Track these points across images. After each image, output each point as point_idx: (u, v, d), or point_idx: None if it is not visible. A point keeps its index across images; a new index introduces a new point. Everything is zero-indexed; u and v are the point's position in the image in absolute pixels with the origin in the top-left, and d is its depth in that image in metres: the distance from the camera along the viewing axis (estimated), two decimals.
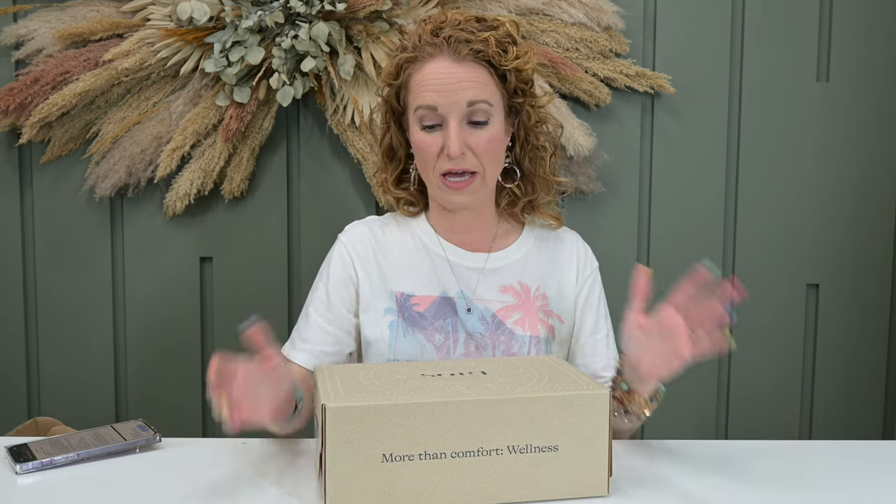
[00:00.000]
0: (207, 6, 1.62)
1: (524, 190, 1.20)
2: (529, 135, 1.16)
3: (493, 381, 0.91)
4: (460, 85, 1.07)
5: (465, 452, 0.85)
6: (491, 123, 1.10)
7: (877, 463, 1.01)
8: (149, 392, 1.84)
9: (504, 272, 1.19)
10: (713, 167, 1.79)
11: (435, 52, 1.09)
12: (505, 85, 1.11)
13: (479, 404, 0.85)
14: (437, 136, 1.10)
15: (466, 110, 1.08)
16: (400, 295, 1.16)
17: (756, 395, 1.83)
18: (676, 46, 1.76)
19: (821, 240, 1.80)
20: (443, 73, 1.08)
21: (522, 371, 0.95)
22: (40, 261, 1.81)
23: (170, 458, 1.01)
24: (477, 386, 0.89)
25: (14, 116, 1.71)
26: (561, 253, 1.23)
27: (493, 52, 1.07)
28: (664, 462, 1.00)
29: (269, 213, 1.80)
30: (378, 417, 0.83)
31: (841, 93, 1.77)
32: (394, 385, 0.89)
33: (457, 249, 1.19)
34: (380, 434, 0.83)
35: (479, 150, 1.09)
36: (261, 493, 0.90)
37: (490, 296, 1.17)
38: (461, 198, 1.13)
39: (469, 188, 1.12)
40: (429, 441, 0.84)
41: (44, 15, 1.71)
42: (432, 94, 1.08)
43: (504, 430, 0.85)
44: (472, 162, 1.10)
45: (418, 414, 0.84)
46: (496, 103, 1.10)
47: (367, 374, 0.95)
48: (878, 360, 1.82)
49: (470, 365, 0.99)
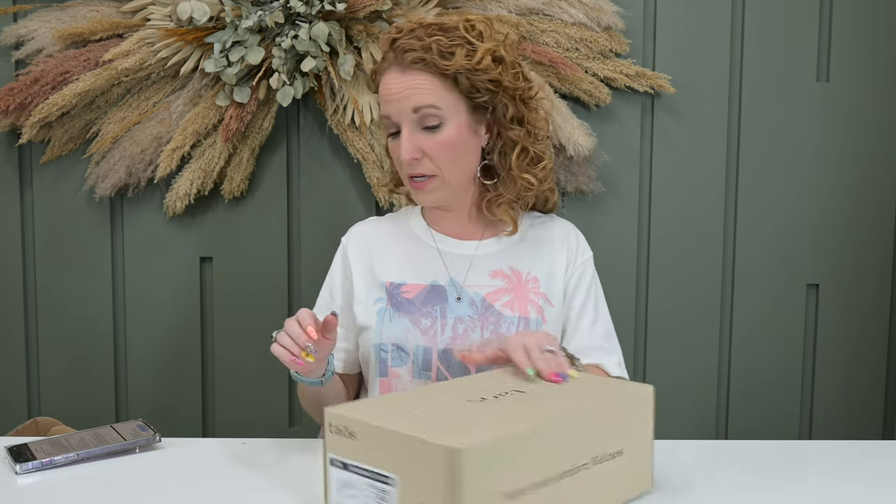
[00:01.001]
0: (207, 6, 1.62)
1: (506, 187, 1.18)
2: (502, 130, 1.16)
3: (544, 397, 0.87)
4: (404, 93, 1.11)
5: (569, 471, 0.80)
6: (444, 127, 1.12)
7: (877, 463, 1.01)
8: (149, 392, 1.84)
9: (495, 258, 1.21)
10: (713, 167, 1.79)
11: (389, 63, 1.14)
12: (459, 87, 1.12)
13: (570, 421, 0.81)
14: (398, 142, 1.15)
15: (414, 116, 1.12)
16: (390, 284, 1.19)
17: (756, 395, 1.83)
18: (676, 46, 1.76)
19: (821, 240, 1.80)
20: (391, 82, 1.13)
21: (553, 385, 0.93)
22: (40, 261, 1.81)
23: (170, 458, 1.01)
24: (541, 404, 0.85)
25: (14, 116, 1.71)
26: (553, 240, 1.24)
27: (432, 58, 1.09)
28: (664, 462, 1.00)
29: (269, 213, 1.80)
30: (506, 450, 0.74)
31: (841, 93, 1.77)
32: (463, 414, 0.82)
33: (448, 239, 1.23)
34: (502, 469, 0.74)
35: (432, 154, 1.13)
36: (261, 493, 0.90)
37: (480, 281, 1.19)
38: (424, 196, 1.17)
39: (428, 188, 1.15)
40: (541, 468, 0.77)
41: (44, 15, 1.71)
42: (386, 105, 1.14)
43: (589, 440, 0.83)
44: (428, 166, 1.13)
45: (534, 440, 0.77)
46: (447, 106, 1.11)
47: (411, 404, 0.85)
48: (878, 360, 1.82)
49: (497, 386, 0.93)
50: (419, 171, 1.13)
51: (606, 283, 1.30)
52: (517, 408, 0.84)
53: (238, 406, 1.83)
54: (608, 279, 1.29)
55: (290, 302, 1.81)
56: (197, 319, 1.82)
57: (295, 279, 1.81)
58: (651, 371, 1.83)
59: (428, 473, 0.72)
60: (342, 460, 0.80)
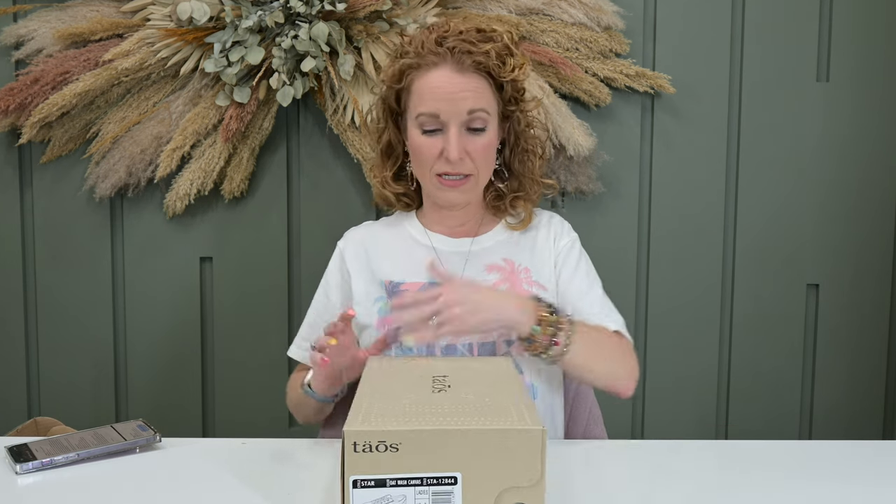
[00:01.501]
0: (207, 6, 1.62)
1: (511, 187, 1.25)
2: (520, 138, 1.23)
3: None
4: (462, 94, 1.13)
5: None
6: (487, 130, 1.16)
7: (877, 463, 1.01)
8: (149, 392, 1.84)
9: (489, 252, 1.23)
10: (713, 167, 1.79)
11: (438, 61, 1.14)
12: (501, 94, 1.17)
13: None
14: (436, 139, 1.15)
15: (466, 118, 1.14)
16: (389, 283, 1.20)
17: (756, 395, 1.83)
18: (676, 46, 1.76)
19: (821, 240, 1.80)
20: (446, 82, 1.13)
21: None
22: (40, 261, 1.81)
23: (170, 458, 1.01)
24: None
25: (14, 116, 1.71)
26: (539, 231, 1.27)
27: (493, 64, 1.14)
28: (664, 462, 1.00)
29: (269, 213, 1.80)
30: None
31: (841, 93, 1.77)
32: (470, 402, 0.85)
33: (443, 238, 1.24)
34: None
35: (475, 155, 1.15)
36: (260, 493, 0.90)
37: (476, 276, 1.21)
38: (455, 195, 1.18)
39: (463, 187, 1.18)
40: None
41: (44, 15, 1.71)
42: (436, 102, 1.13)
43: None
44: (469, 166, 1.16)
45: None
46: (492, 111, 1.17)
47: (416, 402, 0.87)
48: (878, 360, 1.82)
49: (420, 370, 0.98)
50: (460, 170, 1.15)
51: (607, 283, 1.29)
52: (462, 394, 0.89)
53: (238, 406, 1.83)
54: (608, 279, 1.29)
55: (290, 302, 1.81)
56: (197, 319, 1.82)
57: (295, 279, 1.81)
58: (651, 371, 1.83)
59: (504, 461, 0.77)
60: (374, 478, 0.79)
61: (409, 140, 1.19)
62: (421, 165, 1.18)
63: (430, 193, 1.23)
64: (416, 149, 1.17)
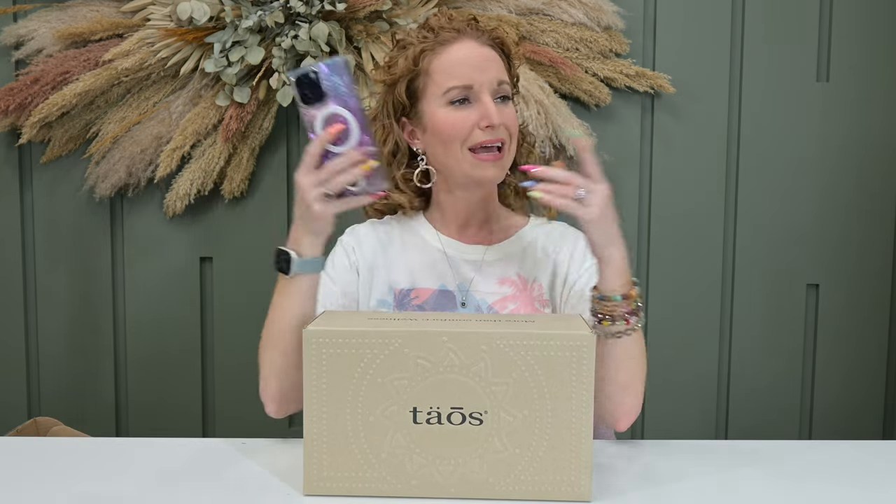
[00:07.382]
0: (207, 6, 1.62)
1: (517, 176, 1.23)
2: (520, 132, 1.21)
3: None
4: (489, 64, 1.13)
5: None
6: (511, 103, 1.17)
7: (877, 463, 1.01)
8: (149, 392, 1.84)
9: (503, 264, 1.20)
10: (713, 167, 1.79)
11: (458, 36, 1.14)
12: (510, 72, 1.18)
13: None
14: (468, 112, 1.12)
15: (496, 87, 1.13)
16: (399, 291, 1.18)
17: (756, 394, 1.83)
18: (676, 46, 1.76)
19: (821, 240, 1.80)
20: (472, 52, 1.13)
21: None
22: (40, 261, 1.81)
23: (169, 458, 1.01)
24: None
25: (14, 116, 1.71)
26: (559, 248, 1.21)
27: (508, 41, 1.16)
28: (664, 462, 1.00)
29: (269, 213, 1.80)
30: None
31: (841, 93, 1.77)
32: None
33: (455, 243, 1.21)
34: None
35: (508, 123, 1.14)
36: (261, 493, 0.90)
37: (488, 288, 1.18)
38: (492, 170, 1.14)
39: (499, 162, 1.14)
40: None
41: (44, 15, 1.71)
42: (467, 71, 1.12)
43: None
44: (504, 133, 1.14)
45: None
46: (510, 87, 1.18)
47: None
48: (878, 360, 1.82)
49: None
50: (499, 135, 1.12)
51: None
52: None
53: (238, 406, 1.83)
54: None
55: None
56: (197, 319, 1.82)
57: None
58: (651, 371, 1.82)
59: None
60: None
61: (433, 122, 1.13)
62: (451, 142, 1.13)
63: (461, 173, 1.15)
64: (446, 126, 1.12)
